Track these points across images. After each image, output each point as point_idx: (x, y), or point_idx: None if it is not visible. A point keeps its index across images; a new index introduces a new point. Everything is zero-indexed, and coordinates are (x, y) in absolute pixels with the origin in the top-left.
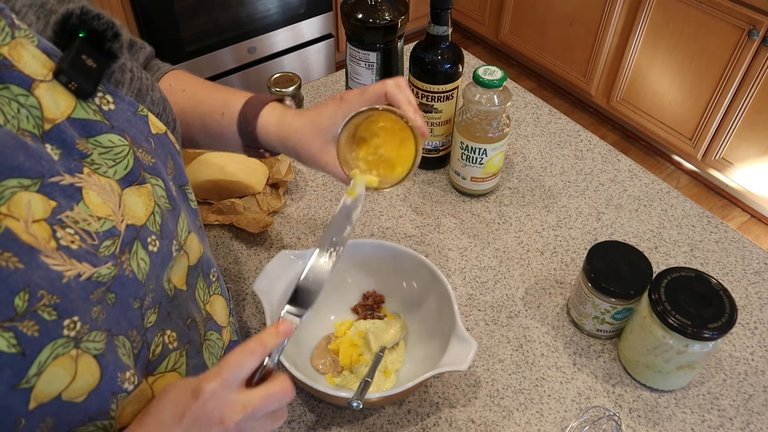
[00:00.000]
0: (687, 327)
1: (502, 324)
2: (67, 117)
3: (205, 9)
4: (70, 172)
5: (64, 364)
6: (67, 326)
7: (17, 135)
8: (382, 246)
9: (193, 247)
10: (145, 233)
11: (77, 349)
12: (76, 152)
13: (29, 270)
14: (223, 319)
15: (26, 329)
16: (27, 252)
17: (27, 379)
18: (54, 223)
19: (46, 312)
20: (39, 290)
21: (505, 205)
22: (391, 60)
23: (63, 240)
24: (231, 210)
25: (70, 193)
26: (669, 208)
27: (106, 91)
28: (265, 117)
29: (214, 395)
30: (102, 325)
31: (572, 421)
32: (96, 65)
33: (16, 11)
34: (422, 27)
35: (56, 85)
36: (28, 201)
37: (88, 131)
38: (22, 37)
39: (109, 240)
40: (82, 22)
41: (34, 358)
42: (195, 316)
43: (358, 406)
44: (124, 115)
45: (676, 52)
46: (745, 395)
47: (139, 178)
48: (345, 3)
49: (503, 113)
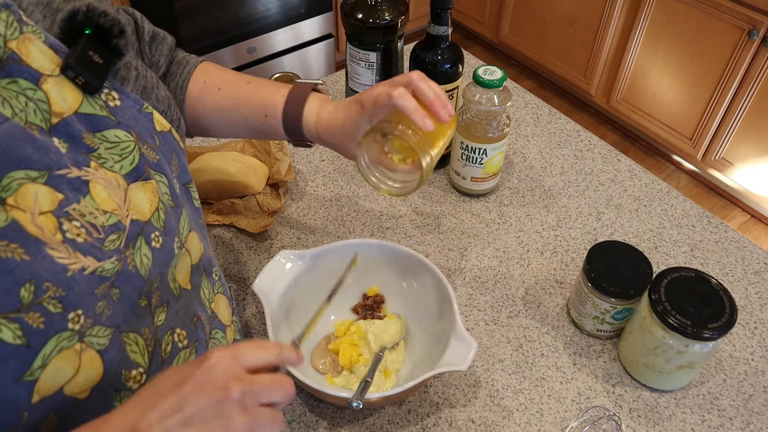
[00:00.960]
0: (687, 327)
1: (502, 324)
2: (74, 111)
3: (205, 9)
4: (78, 165)
5: (69, 358)
6: (71, 319)
7: (25, 128)
8: (382, 246)
9: (194, 245)
10: (149, 229)
11: (81, 343)
12: (83, 146)
13: (35, 262)
14: (227, 318)
15: (32, 321)
16: (33, 244)
17: (31, 371)
18: (60, 215)
19: (51, 304)
20: (44, 282)
21: (505, 205)
22: (391, 60)
23: (69, 233)
24: (231, 210)
25: (77, 186)
26: (669, 208)
27: (111, 88)
28: (306, 117)
29: (222, 362)
30: (107, 321)
31: (572, 421)
32: (102, 61)
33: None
34: (422, 27)
35: (63, 80)
36: (35, 193)
37: (95, 126)
38: (29, 32)
39: (115, 234)
40: (89, 19)
41: (39, 350)
42: (200, 315)
43: (358, 406)
44: (129, 111)
45: (676, 52)
46: (745, 395)
47: (144, 174)
48: (345, 3)
49: (503, 113)
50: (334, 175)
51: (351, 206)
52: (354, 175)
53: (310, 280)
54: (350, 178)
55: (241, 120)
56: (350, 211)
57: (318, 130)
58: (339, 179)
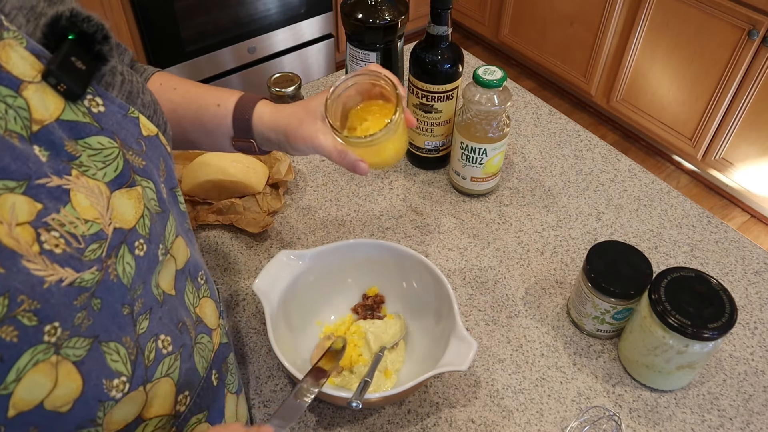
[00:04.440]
0: (687, 327)
1: (502, 324)
2: (56, 119)
3: (205, 9)
4: (58, 174)
5: (45, 371)
6: (47, 332)
7: (4, 136)
8: (382, 246)
9: (179, 250)
10: (133, 237)
11: (57, 355)
12: (64, 154)
13: (9, 275)
14: (213, 322)
15: (5, 334)
16: (8, 256)
17: (5, 385)
18: (39, 226)
19: (26, 317)
20: (19, 295)
21: (505, 205)
22: (391, 60)
23: (47, 244)
24: (231, 210)
25: (57, 195)
26: (669, 208)
27: (95, 94)
28: (261, 107)
29: None
30: (86, 332)
31: (572, 421)
32: (85, 67)
33: (5, 13)
34: (422, 27)
35: (45, 87)
36: (13, 203)
37: (77, 133)
38: (10, 38)
39: (96, 243)
40: (72, 24)
41: (12, 364)
42: (185, 320)
43: (358, 406)
44: (114, 117)
45: (676, 52)
46: (745, 395)
47: (128, 181)
48: (345, 3)
49: (503, 113)
50: (334, 175)
51: (351, 206)
52: (354, 175)
53: (310, 280)
54: (350, 178)
55: (192, 113)
56: (350, 211)
57: (274, 116)
58: (339, 179)
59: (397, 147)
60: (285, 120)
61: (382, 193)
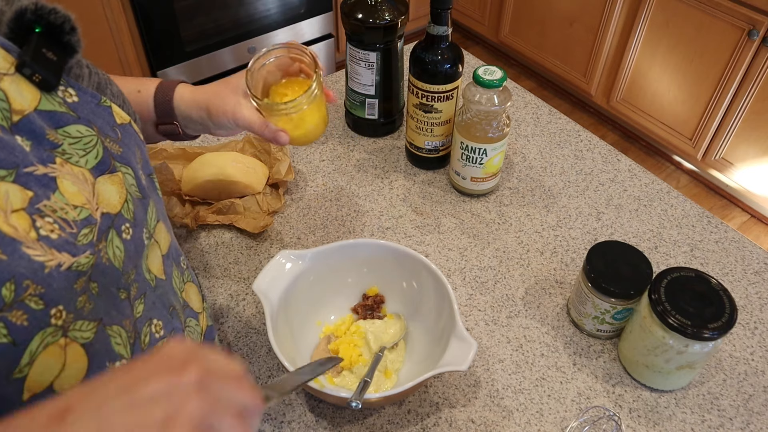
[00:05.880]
0: (687, 327)
1: (502, 324)
2: (34, 109)
3: (205, 9)
4: (43, 162)
5: (54, 353)
6: (54, 315)
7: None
8: (382, 246)
9: (162, 235)
10: (120, 221)
11: (65, 338)
12: (46, 143)
13: (12, 261)
14: (198, 305)
15: (15, 319)
16: (8, 243)
17: (20, 368)
18: (33, 212)
19: (33, 301)
20: (24, 280)
21: (505, 205)
22: (391, 60)
23: (43, 229)
24: (231, 210)
25: (45, 182)
26: (669, 208)
27: (67, 85)
28: (182, 88)
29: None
30: (89, 315)
31: (572, 421)
32: (56, 58)
33: None
34: (422, 27)
35: (20, 78)
36: (6, 191)
37: (56, 122)
38: None
39: (87, 228)
40: (38, 17)
41: (25, 347)
42: (175, 304)
43: (357, 406)
44: (88, 106)
45: (676, 52)
46: (745, 395)
47: (110, 167)
48: (345, 3)
49: (503, 113)
50: (334, 175)
51: (351, 206)
52: (354, 175)
53: (310, 280)
54: (350, 178)
55: None
56: (350, 211)
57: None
58: (339, 179)
59: (316, 120)
60: (206, 96)
61: (382, 193)
